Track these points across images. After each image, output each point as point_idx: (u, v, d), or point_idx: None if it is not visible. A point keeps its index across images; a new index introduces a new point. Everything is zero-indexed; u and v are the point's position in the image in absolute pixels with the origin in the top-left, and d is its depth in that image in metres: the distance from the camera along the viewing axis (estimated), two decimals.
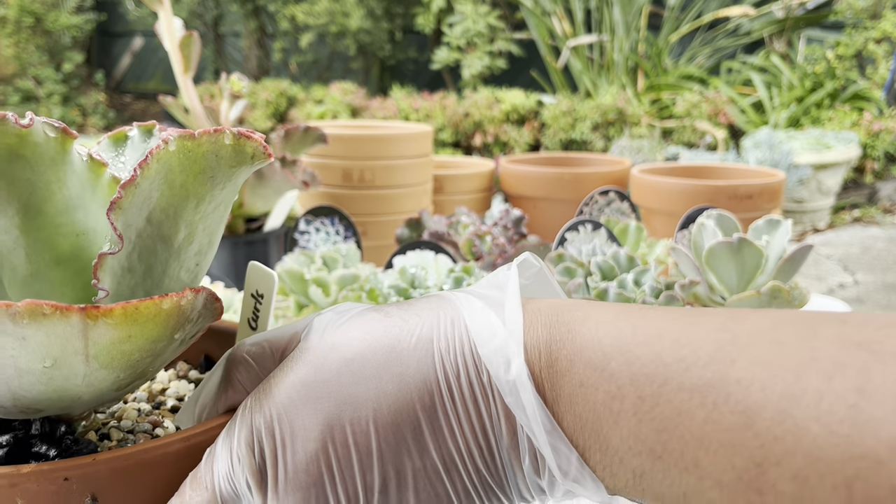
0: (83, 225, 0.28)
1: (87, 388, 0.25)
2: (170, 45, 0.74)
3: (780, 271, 0.66)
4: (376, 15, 5.24)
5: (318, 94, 4.78)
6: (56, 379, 0.24)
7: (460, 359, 0.26)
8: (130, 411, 0.31)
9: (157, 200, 0.26)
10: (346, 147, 0.95)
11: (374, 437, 0.25)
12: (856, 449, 0.20)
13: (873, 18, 3.78)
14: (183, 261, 0.29)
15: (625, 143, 3.22)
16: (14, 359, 0.23)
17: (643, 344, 0.25)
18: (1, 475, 0.23)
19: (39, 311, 0.22)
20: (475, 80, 4.60)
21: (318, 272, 0.66)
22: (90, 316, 0.23)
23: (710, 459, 0.22)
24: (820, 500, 0.20)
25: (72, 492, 0.23)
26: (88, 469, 0.24)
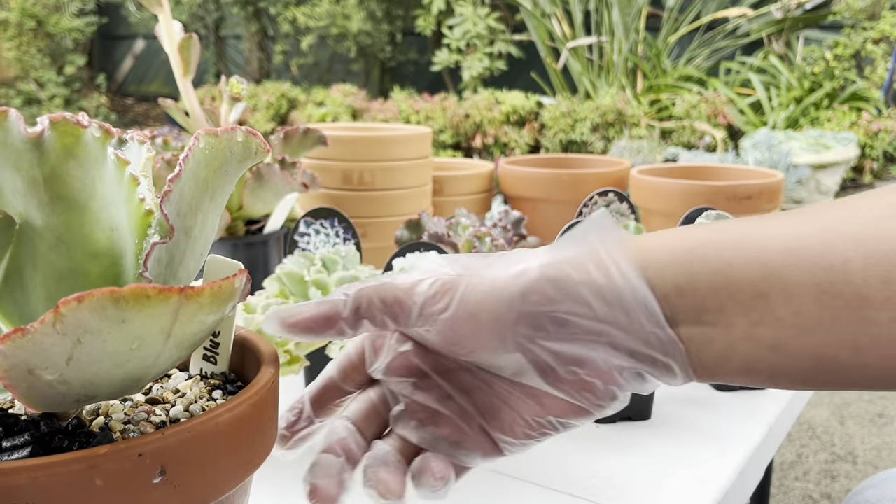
0: (116, 220, 0.30)
1: (153, 367, 0.27)
2: (169, 47, 0.74)
3: None
4: (377, 17, 5.24)
5: (318, 97, 4.78)
6: (133, 360, 0.26)
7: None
8: (116, 405, 0.32)
9: (186, 193, 0.29)
10: (345, 149, 0.95)
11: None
12: None
13: (871, 19, 3.78)
14: (195, 251, 0.31)
15: (624, 144, 3.22)
16: (104, 343, 0.24)
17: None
18: (79, 458, 0.24)
19: (144, 294, 0.23)
20: (475, 81, 4.60)
21: (317, 274, 0.66)
22: (187, 296, 0.24)
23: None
24: None
25: (145, 466, 0.25)
26: (159, 444, 0.25)
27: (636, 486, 0.52)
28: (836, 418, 1.76)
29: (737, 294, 0.28)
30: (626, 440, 0.59)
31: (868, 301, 0.26)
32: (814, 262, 0.27)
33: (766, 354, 0.28)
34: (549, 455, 0.57)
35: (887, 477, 0.58)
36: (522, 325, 0.29)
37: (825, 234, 0.27)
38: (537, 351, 0.29)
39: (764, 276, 0.27)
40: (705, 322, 0.28)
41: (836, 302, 0.27)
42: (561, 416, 0.31)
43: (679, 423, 0.62)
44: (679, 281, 0.28)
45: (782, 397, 0.67)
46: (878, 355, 0.27)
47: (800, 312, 0.27)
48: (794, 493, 1.46)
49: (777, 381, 0.29)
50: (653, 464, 0.55)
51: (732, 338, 0.28)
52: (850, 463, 1.57)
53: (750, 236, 0.28)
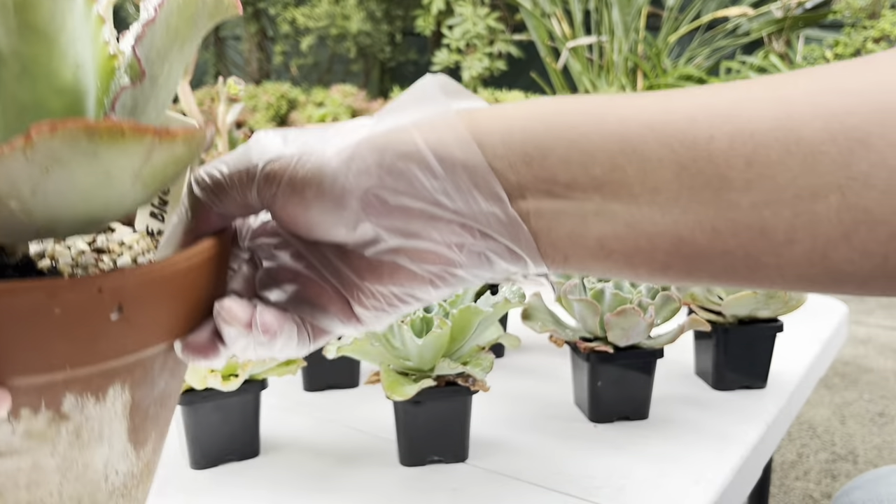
0: (82, 57, 0.29)
1: (117, 208, 0.27)
2: None
3: None
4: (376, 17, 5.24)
5: (318, 97, 4.79)
6: (99, 198, 0.26)
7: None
8: (62, 250, 0.33)
9: (157, 40, 0.28)
10: None
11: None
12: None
13: (872, 18, 3.78)
14: (158, 100, 0.31)
15: None
16: (73, 176, 0.24)
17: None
18: (41, 286, 0.25)
19: (119, 129, 0.23)
20: (475, 81, 4.60)
21: None
22: (161, 137, 0.24)
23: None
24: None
25: (103, 301, 0.26)
26: (119, 281, 0.26)
27: (634, 486, 0.52)
28: (837, 417, 1.76)
29: (591, 167, 0.26)
30: (623, 440, 0.59)
31: (729, 182, 0.25)
32: (676, 137, 0.26)
33: (622, 231, 0.27)
34: (547, 455, 0.57)
35: (872, 478, 0.58)
36: (350, 202, 0.28)
37: (693, 111, 0.26)
38: (368, 224, 0.28)
39: (622, 150, 0.26)
40: (556, 195, 0.27)
41: (696, 181, 0.25)
42: (407, 287, 0.30)
43: (677, 422, 0.62)
44: (528, 149, 0.27)
45: (780, 397, 0.67)
46: (737, 241, 0.26)
47: (658, 189, 0.26)
48: (794, 493, 1.46)
49: (636, 266, 0.27)
50: (650, 463, 0.55)
51: (586, 213, 0.27)
52: (850, 462, 1.56)
53: (611, 109, 0.27)
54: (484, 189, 0.27)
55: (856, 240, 0.25)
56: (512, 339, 0.61)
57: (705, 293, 0.69)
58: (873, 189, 0.24)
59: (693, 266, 0.27)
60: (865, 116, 0.24)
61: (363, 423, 0.62)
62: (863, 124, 0.24)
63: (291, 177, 0.28)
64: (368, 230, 0.28)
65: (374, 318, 0.31)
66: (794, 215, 0.25)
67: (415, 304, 0.31)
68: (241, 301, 0.30)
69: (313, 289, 0.31)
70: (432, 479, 0.54)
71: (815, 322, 0.86)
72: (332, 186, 0.28)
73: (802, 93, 0.25)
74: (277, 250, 0.32)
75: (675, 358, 0.74)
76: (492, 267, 0.29)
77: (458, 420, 0.55)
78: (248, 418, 0.56)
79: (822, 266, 0.26)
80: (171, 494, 0.52)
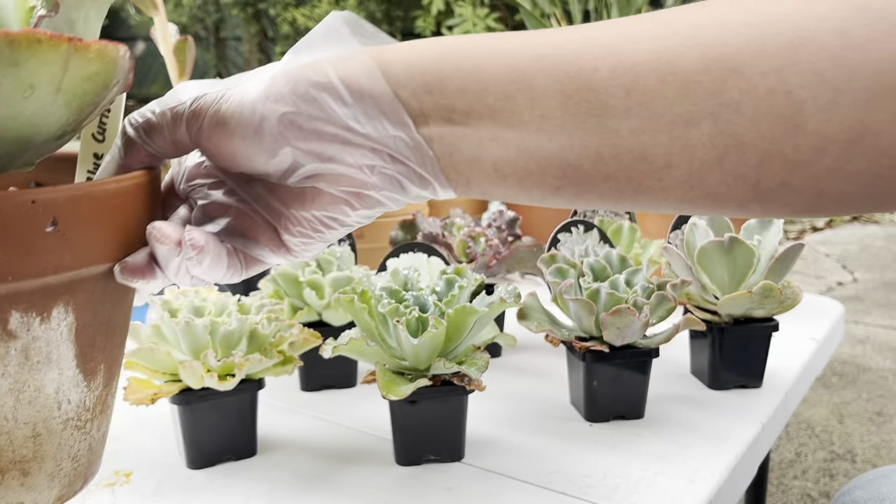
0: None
1: (43, 124, 0.29)
2: (165, 50, 0.75)
3: (772, 270, 0.66)
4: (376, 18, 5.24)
5: None
6: (25, 113, 0.27)
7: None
8: None
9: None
10: None
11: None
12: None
13: None
14: (86, 25, 0.32)
15: None
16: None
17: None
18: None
19: (35, 38, 0.25)
20: None
21: (312, 275, 0.66)
22: (75, 47, 0.26)
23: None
24: None
25: (37, 213, 0.28)
26: (51, 195, 0.28)
27: (629, 484, 0.53)
28: (835, 417, 1.76)
29: (486, 96, 0.28)
30: (618, 438, 0.59)
31: (610, 109, 0.27)
32: (563, 69, 0.28)
33: (515, 156, 0.29)
34: (543, 454, 0.57)
35: (874, 477, 0.58)
36: (269, 128, 0.30)
37: (580, 45, 0.28)
38: (288, 149, 0.30)
39: (513, 80, 0.28)
40: (455, 121, 0.29)
41: (580, 108, 0.27)
42: (328, 210, 0.32)
43: (672, 421, 0.62)
44: (428, 79, 0.29)
45: (776, 396, 0.67)
46: (619, 165, 0.28)
47: (545, 117, 0.28)
48: (792, 492, 1.46)
49: (529, 189, 0.30)
50: (646, 462, 0.56)
51: (482, 138, 0.29)
52: (848, 461, 1.57)
53: (504, 44, 0.29)
54: (391, 115, 0.29)
55: (728, 164, 0.27)
56: (508, 338, 0.61)
57: (700, 293, 0.69)
58: (743, 116, 0.26)
59: (582, 189, 0.29)
60: (739, 47, 0.26)
61: (359, 422, 0.63)
62: (736, 54, 0.26)
63: (216, 111, 0.31)
64: (287, 155, 0.30)
65: (302, 245, 0.34)
66: (670, 140, 0.27)
67: (338, 227, 0.33)
68: (172, 223, 0.33)
69: (244, 221, 0.34)
70: (428, 479, 0.54)
71: (810, 321, 0.87)
72: (251, 115, 0.30)
73: (685, 25, 0.27)
74: (211, 189, 0.35)
75: (671, 357, 0.74)
76: (404, 190, 0.31)
77: (453, 419, 0.56)
78: (245, 418, 0.57)
79: (700, 189, 0.28)
80: (167, 494, 0.52)
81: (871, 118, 0.25)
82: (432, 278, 0.60)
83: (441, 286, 0.58)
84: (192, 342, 0.53)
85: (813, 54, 0.25)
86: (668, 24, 0.28)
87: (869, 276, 2.95)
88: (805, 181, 0.27)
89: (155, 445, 0.59)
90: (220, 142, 0.31)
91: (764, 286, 0.64)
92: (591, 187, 0.29)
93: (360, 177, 0.31)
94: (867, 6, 0.25)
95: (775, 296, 0.65)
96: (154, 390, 0.53)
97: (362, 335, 0.54)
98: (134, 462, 0.57)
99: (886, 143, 0.26)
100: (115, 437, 0.61)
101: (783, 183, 0.27)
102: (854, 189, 0.27)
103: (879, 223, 3.63)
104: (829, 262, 3.17)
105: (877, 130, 0.25)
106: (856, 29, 0.25)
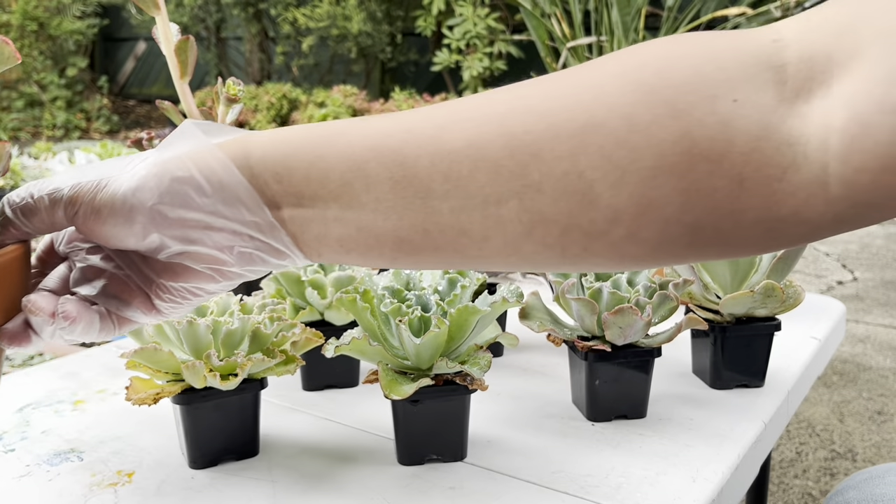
0: None
1: None
2: (166, 50, 0.75)
3: (774, 270, 0.67)
4: (377, 18, 5.24)
5: (319, 97, 4.79)
6: None
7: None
8: None
9: None
10: None
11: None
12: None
13: None
14: None
15: None
16: None
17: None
18: None
19: None
20: (475, 81, 4.60)
21: (314, 274, 0.66)
22: None
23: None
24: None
25: None
26: None
27: (631, 484, 0.53)
28: (836, 416, 1.76)
29: (328, 183, 0.33)
30: (621, 438, 0.59)
31: (432, 192, 0.31)
32: (391, 157, 0.32)
33: (355, 234, 0.33)
34: (545, 454, 0.57)
35: (867, 477, 0.58)
36: (138, 217, 0.34)
37: (406, 135, 0.32)
38: (156, 235, 0.34)
39: (350, 168, 0.32)
40: (304, 205, 0.33)
41: (407, 192, 0.32)
42: (194, 282, 0.36)
43: (674, 420, 0.62)
44: (278, 169, 0.33)
45: (778, 395, 0.67)
46: (444, 239, 0.32)
47: (379, 199, 0.32)
48: (793, 491, 1.46)
49: (371, 260, 0.34)
50: (648, 462, 0.56)
51: (327, 219, 0.33)
52: (849, 460, 1.57)
53: (342, 134, 0.33)
54: (247, 202, 0.34)
55: (536, 236, 0.31)
56: (510, 338, 0.61)
57: (703, 293, 0.69)
58: (544, 195, 0.30)
59: (416, 258, 0.34)
60: (539, 134, 0.30)
61: (362, 422, 0.63)
62: (536, 140, 0.30)
63: (91, 199, 0.34)
64: (155, 239, 0.34)
65: (172, 308, 0.37)
66: (484, 218, 0.31)
67: (205, 295, 0.37)
68: (46, 294, 0.36)
69: (119, 284, 0.37)
70: (430, 478, 0.54)
71: (812, 321, 0.86)
72: (122, 205, 0.34)
73: (496, 113, 0.31)
74: (88, 254, 0.38)
75: (673, 357, 0.74)
76: (264, 262, 0.35)
77: (456, 419, 0.56)
78: (247, 417, 0.57)
79: (517, 256, 0.32)
80: (169, 494, 0.52)
81: (655, 193, 0.29)
82: (434, 278, 0.60)
83: (443, 286, 0.58)
84: (195, 342, 0.53)
85: (602, 138, 0.29)
86: (482, 112, 0.32)
87: (869, 275, 2.95)
88: (605, 248, 0.31)
89: (157, 445, 0.59)
90: (95, 226, 0.35)
91: (766, 286, 0.64)
92: (424, 257, 0.33)
93: (221, 256, 0.35)
94: (653, 90, 0.29)
95: (777, 295, 0.65)
96: (156, 390, 0.53)
97: (364, 335, 0.54)
98: (136, 462, 0.57)
99: (671, 213, 0.29)
100: (117, 436, 0.61)
101: (585, 249, 0.31)
102: (648, 252, 0.31)
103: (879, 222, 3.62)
104: (829, 261, 3.17)
105: (662, 203, 0.29)
106: (640, 114, 0.29)
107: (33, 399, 0.69)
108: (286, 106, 4.82)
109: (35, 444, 0.60)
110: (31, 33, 6.69)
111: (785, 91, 0.29)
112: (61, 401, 0.68)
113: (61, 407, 0.67)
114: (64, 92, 7.07)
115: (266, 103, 4.75)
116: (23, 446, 0.60)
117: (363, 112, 4.33)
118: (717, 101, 0.29)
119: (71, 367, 0.76)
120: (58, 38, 6.82)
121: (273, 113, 4.75)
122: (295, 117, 4.61)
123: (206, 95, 5.15)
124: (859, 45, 0.28)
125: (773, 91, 0.29)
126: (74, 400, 0.68)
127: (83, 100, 7.38)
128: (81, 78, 7.26)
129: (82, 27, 6.80)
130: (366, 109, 4.30)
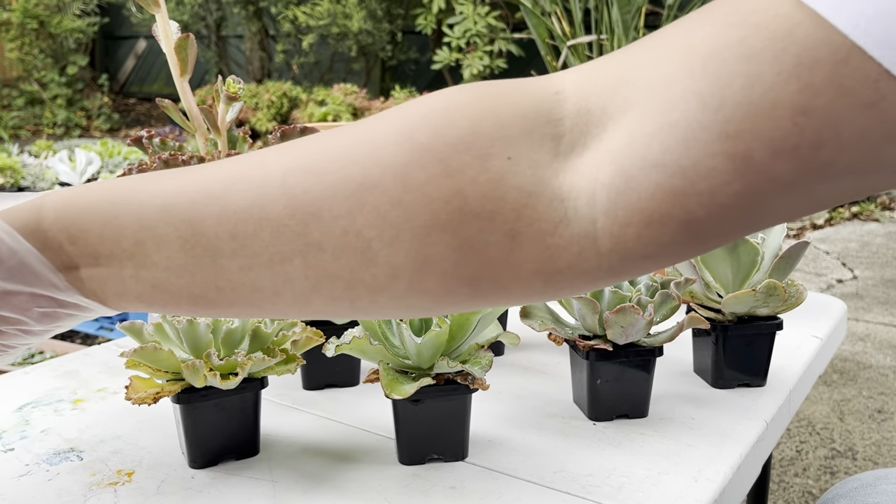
0: None
1: None
2: (166, 47, 0.75)
3: (776, 268, 0.66)
4: (377, 16, 5.24)
5: (319, 96, 4.78)
6: None
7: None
8: None
9: None
10: None
11: None
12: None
13: None
14: None
15: None
16: None
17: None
18: None
19: None
20: (476, 79, 4.60)
21: None
22: None
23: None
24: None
25: None
26: None
27: (633, 484, 0.53)
28: (836, 414, 1.76)
29: (121, 242, 0.33)
30: (622, 437, 0.59)
31: (220, 251, 0.32)
32: (180, 218, 0.32)
33: (151, 291, 0.34)
34: (546, 453, 0.57)
35: (858, 485, 0.58)
36: None
37: (194, 195, 0.33)
38: None
39: (142, 227, 0.33)
40: (101, 264, 0.34)
41: (196, 251, 0.32)
42: (6, 340, 0.37)
43: (676, 420, 0.62)
44: (72, 231, 0.34)
45: (780, 394, 0.67)
46: (237, 295, 0.33)
47: (170, 258, 0.33)
48: (793, 490, 1.46)
49: (172, 311, 0.35)
50: (650, 461, 0.56)
51: (124, 277, 0.34)
52: (849, 459, 1.57)
53: (137, 192, 0.34)
54: (38, 268, 0.34)
55: (323, 290, 0.32)
56: (511, 337, 0.61)
57: (704, 291, 0.69)
58: (325, 252, 0.31)
59: (215, 311, 0.34)
60: (318, 193, 0.31)
61: (362, 421, 0.63)
62: (316, 200, 0.31)
63: None
64: None
65: (4, 354, 0.38)
66: (272, 275, 0.32)
67: (20, 347, 0.39)
68: None
69: None
70: (431, 478, 0.54)
71: (814, 319, 0.86)
72: None
73: (279, 172, 0.32)
74: None
75: (675, 356, 0.74)
76: (71, 317, 0.37)
77: (457, 418, 0.55)
78: (248, 417, 0.57)
79: (310, 309, 0.33)
80: (169, 493, 0.52)
81: (431, 250, 0.30)
82: None
83: None
84: (195, 341, 0.53)
85: (376, 198, 0.30)
86: (266, 171, 0.32)
87: (869, 274, 2.95)
88: (390, 300, 0.32)
89: (157, 445, 0.59)
90: None
91: (768, 284, 0.64)
92: (222, 310, 0.34)
93: (24, 318, 0.36)
94: (428, 149, 0.29)
95: (779, 294, 0.65)
96: (156, 389, 0.53)
97: (365, 334, 0.53)
98: (136, 461, 0.57)
99: (448, 268, 0.30)
100: (117, 436, 0.61)
101: (373, 302, 0.32)
102: (432, 303, 0.32)
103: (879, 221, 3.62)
104: (829, 259, 3.17)
105: (438, 259, 0.30)
106: (414, 173, 0.29)
107: (33, 398, 0.68)
108: (286, 104, 4.82)
109: (34, 443, 0.60)
110: (31, 31, 6.69)
111: (561, 145, 0.29)
112: (61, 400, 0.68)
113: (61, 406, 0.67)
114: (64, 90, 7.07)
115: (266, 101, 4.75)
116: (22, 445, 0.59)
117: (364, 110, 4.32)
118: (490, 159, 0.29)
119: (71, 365, 0.76)
120: (58, 36, 6.82)
121: (273, 111, 4.75)
122: (295, 115, 4.61)
123: (207, 93, 5.15)
124: (631, 99, 0.27)
125: (549, 145, 0.29)
126: (74, 399, 0.68)
127: (84, 98, 7.38)
128: (82, 76, 7.26)
129: (83, 25, 6.80)
130: (366, 108, 4.30)
